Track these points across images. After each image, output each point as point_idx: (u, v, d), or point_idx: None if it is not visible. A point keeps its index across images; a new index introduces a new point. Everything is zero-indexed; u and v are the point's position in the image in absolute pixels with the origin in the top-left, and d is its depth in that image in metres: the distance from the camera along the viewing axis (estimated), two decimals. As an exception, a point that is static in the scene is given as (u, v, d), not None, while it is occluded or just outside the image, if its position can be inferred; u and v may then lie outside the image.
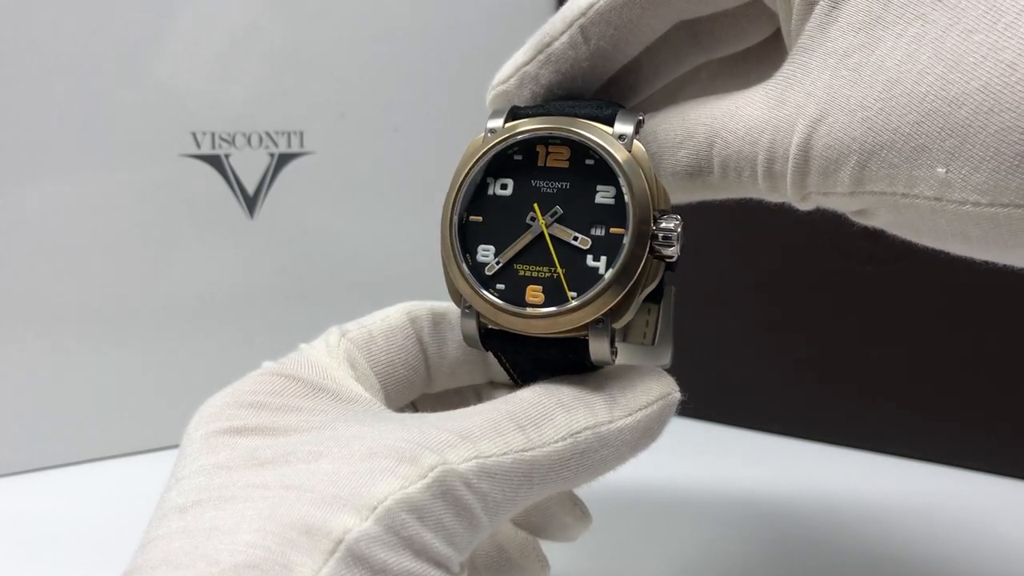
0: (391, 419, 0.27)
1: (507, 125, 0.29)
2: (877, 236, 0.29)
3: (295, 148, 0.53)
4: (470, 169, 0.29)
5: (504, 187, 0.29)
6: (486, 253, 0.29)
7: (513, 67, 0.30)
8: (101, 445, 0.51)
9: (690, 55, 0.34)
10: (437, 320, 0.32)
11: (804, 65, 0.27)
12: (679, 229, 0.27)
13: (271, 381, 0.28)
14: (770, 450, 0.55)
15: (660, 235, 0.27)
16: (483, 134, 0.29)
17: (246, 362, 0.31)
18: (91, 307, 0.49)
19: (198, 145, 0.51)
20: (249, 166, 0.52)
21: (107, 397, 0.51)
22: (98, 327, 0.50)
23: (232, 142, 0.52)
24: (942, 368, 0.51)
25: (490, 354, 0.31)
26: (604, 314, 0.27)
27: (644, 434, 0.28)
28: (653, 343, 0.33)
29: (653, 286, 0.28)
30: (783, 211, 0.30)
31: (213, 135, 0.51)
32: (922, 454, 0.53)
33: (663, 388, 0.29)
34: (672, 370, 0.30)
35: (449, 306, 0.32)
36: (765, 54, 0.34)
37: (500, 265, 0.28)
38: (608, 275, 0.27)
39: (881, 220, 0.27)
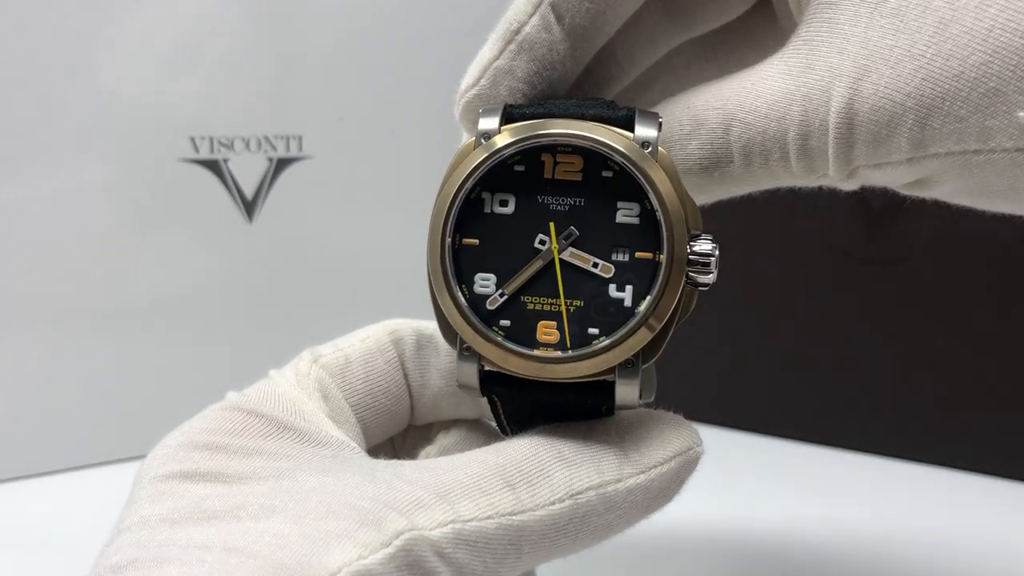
0: (360, 468, 0.23)
1: (504, 129, 0.24)
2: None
3: (294, 152, 0.53)
4: (463, 182, 0.24)
5: (504, 204, 0.24)
6: (486, 283, 0.24)
7: (481, 66, 0.26)
8: (98, 450, 0.51)
9: (665, 35, 0.30)
10: (422, 343, 0.29)
11: (830, 21, 0.23)
12: (717, 252, 0.23)
13: (231, 418, 0.25)
14: (769, 453, 0.55)
15: (697, 260, 0.23)
16: (473, 139, 0.25)
17: (245, 366, 0.30)
18: (90, 312, 0.49)
19: (196, 150, 0.51)
20: (248, 171, 0.52)
21: (104, 402, 0.51)
22: (97, 332, 0.50)
23: (231, 147, 0.51)
24: (942, 369, 0.51)
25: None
26: (635, 354, 0.23)
27: (658, 495, 0.24)
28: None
29: (686, 317, 0.24)
30: (783, 211, 0.28)
31: (211, 140, 0.51)
32: (923, 456, 0.53)
33: (684, 441, 0.25)
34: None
35: (437, 327, 0.29)
36: (743, 34, 0.30)
37: (504, 298, 0.24)
38: (642, 308, 0.23)
39: (945, 189, 0.23)
